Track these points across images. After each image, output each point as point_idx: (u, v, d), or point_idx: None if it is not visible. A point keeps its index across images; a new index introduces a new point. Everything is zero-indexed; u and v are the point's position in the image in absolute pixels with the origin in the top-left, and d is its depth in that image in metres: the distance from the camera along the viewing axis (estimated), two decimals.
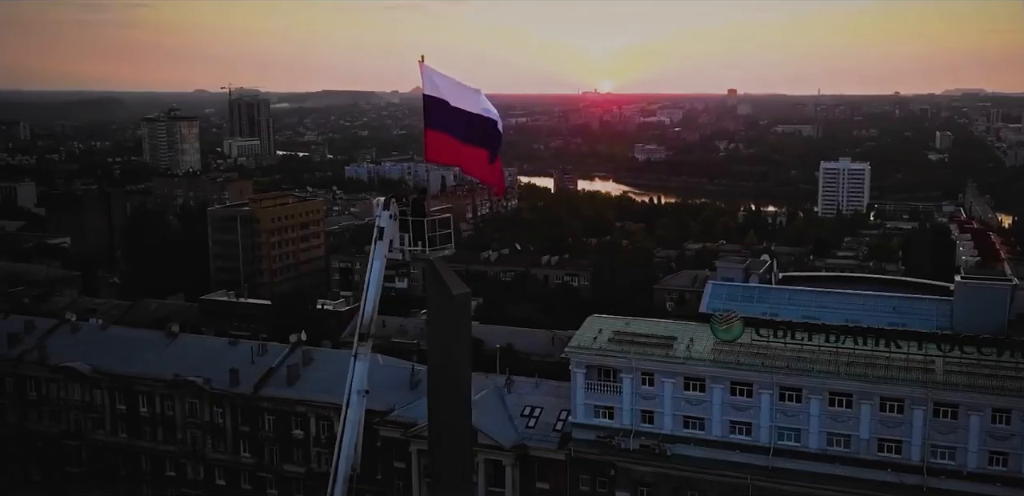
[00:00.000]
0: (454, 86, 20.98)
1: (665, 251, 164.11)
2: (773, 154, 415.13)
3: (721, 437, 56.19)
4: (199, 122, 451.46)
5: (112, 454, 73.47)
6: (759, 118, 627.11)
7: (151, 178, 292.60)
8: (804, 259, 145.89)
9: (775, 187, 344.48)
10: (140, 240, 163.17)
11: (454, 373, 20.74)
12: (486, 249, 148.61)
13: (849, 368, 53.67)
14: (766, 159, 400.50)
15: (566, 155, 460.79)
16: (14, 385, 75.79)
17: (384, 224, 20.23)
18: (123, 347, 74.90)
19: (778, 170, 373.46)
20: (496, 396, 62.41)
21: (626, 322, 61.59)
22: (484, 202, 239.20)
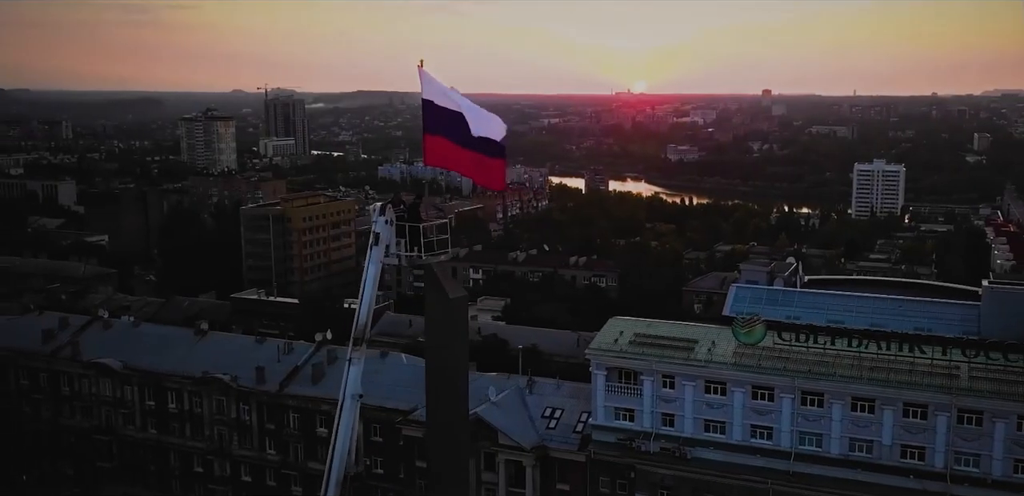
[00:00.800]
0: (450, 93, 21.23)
1: (695, 253, 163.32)
2: (807, 155, 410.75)
3: (742, 441, 55.96)
4: (235, 122, 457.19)
5: (142, 450, 74.80)
6: (793, 119, 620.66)
7: (188, 177, 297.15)
8: (836, 261, 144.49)
9: (809, 188, 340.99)
10: (175, 238, 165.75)
11: (452, 375, 21.06)
12: (515, 249, 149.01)
13: (872, 373, 53.20)
14: (800, 160, 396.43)
15: (598, 156, 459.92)
16: (48, 380, 77.39)
17: (380, 230, 20.51)
18: (153, 344, 76.23)
19: (812, 171, 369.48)
20: (518, 397, 62.67)
21: (648, 324, 61.54)
22: (514, 202, 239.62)
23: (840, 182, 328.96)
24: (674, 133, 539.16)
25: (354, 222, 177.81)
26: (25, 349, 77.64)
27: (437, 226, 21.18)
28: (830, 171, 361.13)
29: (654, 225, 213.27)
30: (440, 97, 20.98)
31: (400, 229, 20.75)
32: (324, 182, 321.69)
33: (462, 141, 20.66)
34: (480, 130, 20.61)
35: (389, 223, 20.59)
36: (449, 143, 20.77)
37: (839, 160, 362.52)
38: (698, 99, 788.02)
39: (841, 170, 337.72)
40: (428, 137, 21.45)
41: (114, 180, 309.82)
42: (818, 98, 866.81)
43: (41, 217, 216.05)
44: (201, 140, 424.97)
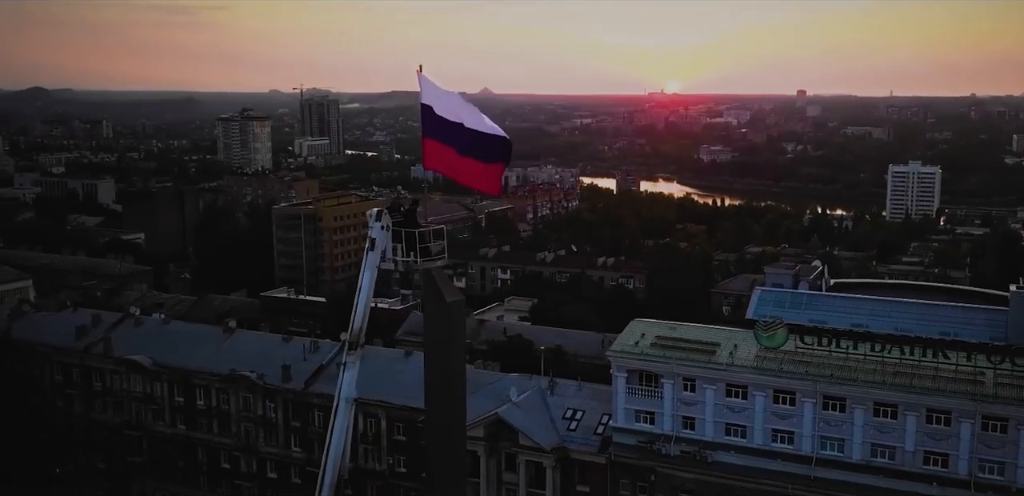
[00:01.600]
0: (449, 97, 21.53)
1: (725, 254, 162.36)
2: (842, 156, 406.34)
3: (763, 445, 55.77)
4: (271, 122, 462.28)
5: (170, 445, 76.05)
6: (828, 119, 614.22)
7: (223, 176, 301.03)
8: (868, 264, 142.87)
9: (843, 190, 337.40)
10: (210, 237, 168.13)
11: (450, 377, 21.39)
12: (543, 250, 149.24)
13: (895, 378, 52.75)
14: (834, 161, 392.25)
15: (630, 156, 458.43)
16: (80, 376, 78.95)
17: (376, 235, 20.80)
18: (183, 341, 77.53)
19: (847, 173, 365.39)
20: (539, 398, 62.92)
21: (670, 327, 61.43)
22: (545, 203, 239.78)
23: (875, 184, 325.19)
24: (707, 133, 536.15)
25: None
26: (59, 345, 79.28)
27: (433, 231, 21.46)
28: (865, 173, 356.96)
29: (685, 226, 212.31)
30: (438, 102, 21.26)
31: (397, 234, 21.03)
32: (357, 182, 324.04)
33: (459, 147, 20.90)
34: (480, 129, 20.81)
35: (385, 228, 20.87)
36: (447, 148, 21.01)
37: (874, 161, 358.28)
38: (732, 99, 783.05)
39: (876, 172, 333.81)
40: (427, 141, 21.70)
41: (152, 179, 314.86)
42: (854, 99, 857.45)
43: (81, 215, 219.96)
44: (237, 140, 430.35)
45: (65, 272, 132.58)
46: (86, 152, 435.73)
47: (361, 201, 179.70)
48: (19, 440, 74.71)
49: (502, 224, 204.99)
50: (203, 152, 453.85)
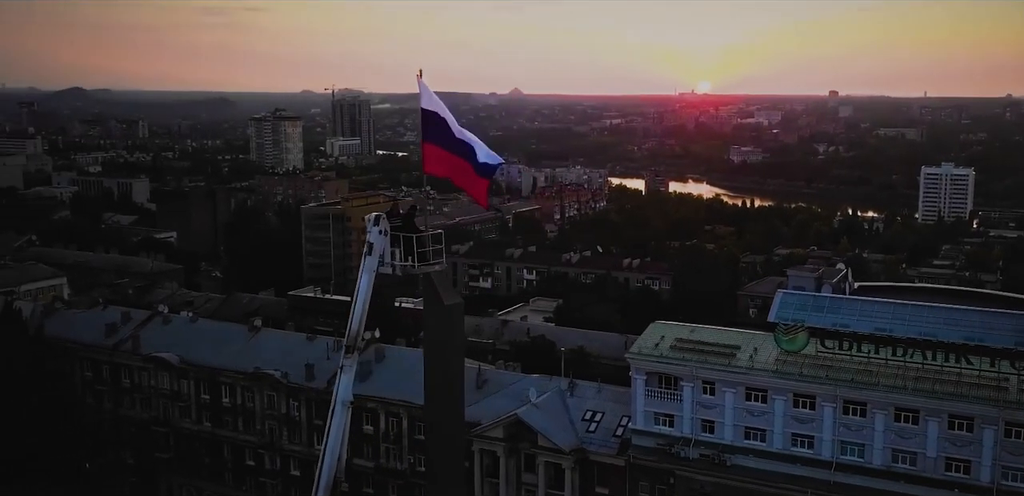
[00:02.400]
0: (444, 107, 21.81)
1: (753, 256, 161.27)
2: (874, 158, 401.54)
3: (782, 449, 55.52)
4: (303, 122, 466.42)
5: (197, 442, 77.19)
6: (861, 120, 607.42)
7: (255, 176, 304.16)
8: (897, 267, 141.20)
9: (875, 192, 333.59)
10: (241, 236, 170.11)
11: (448, 378, 21.69)
12: (569, 250, 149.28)
13: (917, 383, 52.30)
14: (866, 163, 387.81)
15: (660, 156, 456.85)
16: (110, 372, 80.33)
17: (374, 240, 21.07)
18: (209, 339, 78.62)
19: (879, 174, 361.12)
20: (559, 399, 63.05)
21: (690, 329, 61.30)
22: (572, 203, 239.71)
23: (907, 186, 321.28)
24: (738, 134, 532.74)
25: None
26: (89, 342, 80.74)
27: (432, 236, 21.73)
28: (897, 174, 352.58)
29: (713, 227, 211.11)
30: (437, 108, 21.51)
31: (395, 239, 21.32)
32: (387, 182, 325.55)
33: (458, 152, 21.14)
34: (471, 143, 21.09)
35: (383, 233, 21.16)
36: (446, 152, 21.24)
37: (907, 163, 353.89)
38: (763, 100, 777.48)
39: (908, 173, 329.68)
40: (426, 145, 21.94)
41: (185, 178, 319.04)
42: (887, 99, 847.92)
43: (115, 214, 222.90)
44: (270, 140, 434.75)
45: (98, 270, 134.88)
46: (122, 151, 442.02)
47: (389, 201, 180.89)
48: (50, 435, 76.19)
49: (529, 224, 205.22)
50: (236, 152, 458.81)
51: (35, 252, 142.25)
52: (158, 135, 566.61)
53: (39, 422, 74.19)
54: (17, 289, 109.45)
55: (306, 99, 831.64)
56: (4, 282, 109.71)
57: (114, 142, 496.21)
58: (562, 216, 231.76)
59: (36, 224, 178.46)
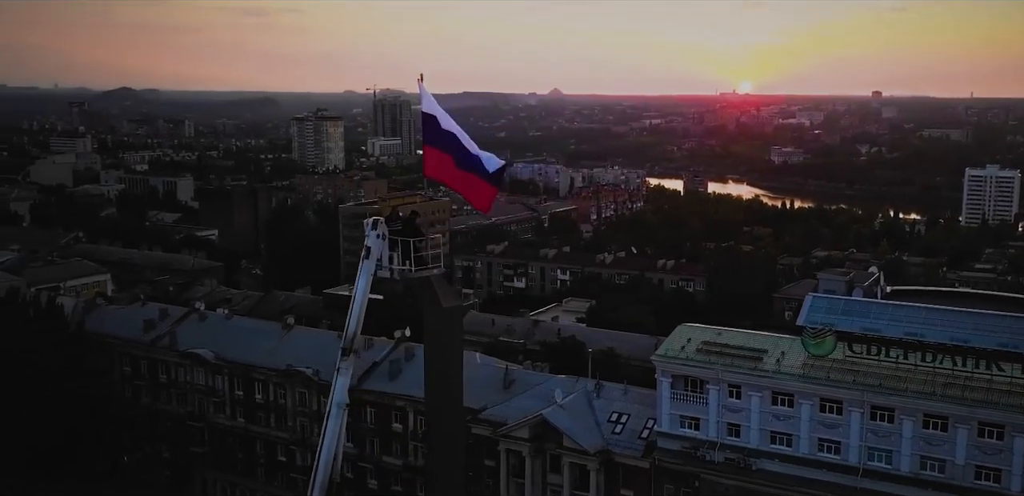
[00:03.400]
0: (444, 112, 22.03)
1: (790, 258, 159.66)
2: (918, 159, 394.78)
3: (808, 454, 55.11)
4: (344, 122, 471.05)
5: (230, 437, 78.58)
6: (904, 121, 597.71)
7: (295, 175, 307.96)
8: (937, 270, 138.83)
9: (918, 194, 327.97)
10: (280, 234, 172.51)
11: (447, 379, 22.06)
12: (604, 251, 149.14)
13: (946, 390, 51.59)
14: (910, 164, 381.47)
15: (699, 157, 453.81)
16: (148, 368, 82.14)
17: (372, 243, 21.42)
18: (244, 336, 80.00)
19: (922, 176, 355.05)
20: (584, 400, 63.18)
21: (717, 332, 61.04)
22: (609, 204, 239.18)
23: (951, 188, 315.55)
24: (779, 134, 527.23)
25: (448, 222, 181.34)
26: (128, 337, 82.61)
27: (430, 241, 22.08)
28: (941, 176, 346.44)
29: (751, 229, 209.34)
30: (438, 113, 21.78)
31: (393, 243, 21.68)
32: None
33: (457, 157, 21.40)
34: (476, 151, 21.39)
35: (381, 237, 21.51)
36: (446, 157, 21.51)
37: (951, 165, 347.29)
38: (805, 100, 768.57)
39: (953, 175, 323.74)
40: (427, 149, 22.20)
41: (228, 177, 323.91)
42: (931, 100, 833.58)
43: (160, 211, 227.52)
44: (311, 139, 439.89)
45: (141, 267, 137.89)
46: (168, 150, 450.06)
47: (426, 201, 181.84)
48: (89, 429, 78.18)
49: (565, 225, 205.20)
50: (279, 151, 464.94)
51: (81, 249, 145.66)
52: (203, 134, 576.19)
53: (79, 416, 76.13)
54: (62, 285, 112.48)
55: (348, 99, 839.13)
56: (50, 278, 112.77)
57: (161, 141, 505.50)
58: (599, 216, 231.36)
59: (83, 221, 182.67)
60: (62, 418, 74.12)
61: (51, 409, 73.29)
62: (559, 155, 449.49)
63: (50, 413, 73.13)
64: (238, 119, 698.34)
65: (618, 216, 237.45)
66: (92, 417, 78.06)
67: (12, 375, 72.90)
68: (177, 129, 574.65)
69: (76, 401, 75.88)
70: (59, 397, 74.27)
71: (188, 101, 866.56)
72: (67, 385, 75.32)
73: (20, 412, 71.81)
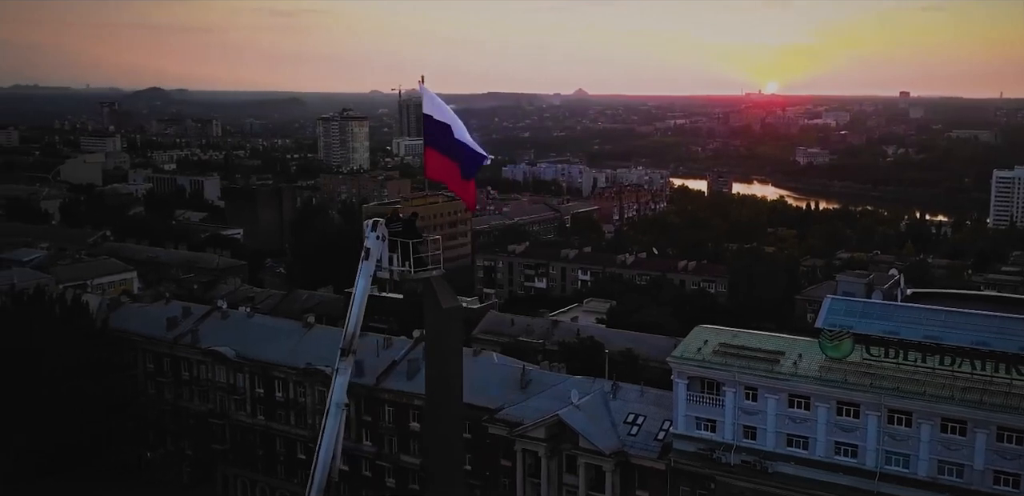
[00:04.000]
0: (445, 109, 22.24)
1: (814, 260, 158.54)
2: (945, 160, 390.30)
3: (825, 458, 54.80)
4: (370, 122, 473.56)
5: (251, 434, 79.44)
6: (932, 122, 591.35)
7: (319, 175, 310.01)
8: (963, 273, 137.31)
9: (945, 195, 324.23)
10: (305, 233, 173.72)
11: (446, 377, 22.33)
12: (625, 251, 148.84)
13: (965, 394, 51.10)
14: (937, 166, 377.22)
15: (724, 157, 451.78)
16: (170, 365, 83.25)
17: (371, 245, 21.66)
18: (264, 335, 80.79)
19: (949, 177, 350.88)
20: (601, 401, 63.23)
21: (734, 334, 60.86)
22: (631, 204, 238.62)
23: (979, 189, 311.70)
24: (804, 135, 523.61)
25: (470, 222, 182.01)
26: (151, 335, 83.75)
27: (430, 242, 22.32)
28: (969, 177, 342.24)
29: (775, 230, 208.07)
30: (439, 113, 22.00)
31: (393, 244, 21.91)
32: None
33: (455, 158, 21.64)
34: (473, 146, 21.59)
35: (380, 238, 21.75)
36: (445, 158, 21.73)
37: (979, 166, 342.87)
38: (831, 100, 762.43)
39: (981, 177, 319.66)
40: (428, 151, 22.42)
41: (253, 176, 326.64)
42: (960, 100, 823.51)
43: (187, 210, 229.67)
44: (337, 139, 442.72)
45: (167, 265, 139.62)
46: (196, 150, 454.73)
47: (448, 201, 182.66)
48: (113, 425, 79.35)
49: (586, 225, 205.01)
50: (305, 151, 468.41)
51: (108, 247, 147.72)
52: (231, 134, 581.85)
53: (103, 412, 77.28)
54: (90, 283, 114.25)
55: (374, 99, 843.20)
56: (77, 276, 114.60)
57: (189, 141, 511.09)
58: (621, 217, 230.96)
59: (111, 220, 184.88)
60: (87, 414, 75.23)
61: (76, 405, 74.38)
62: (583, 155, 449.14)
63: (75, 409, 74.21)
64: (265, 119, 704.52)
65: (641, 216, 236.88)
66: (116, 413, 79.22)
67: (38, 372, 74.09)
68: (205, 129, 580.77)
69: (101, 398, 76.98)
70: (84, 394, 75.37)
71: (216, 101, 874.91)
72: (92, 382, 76.44)
73: (45, 408, 72.98)
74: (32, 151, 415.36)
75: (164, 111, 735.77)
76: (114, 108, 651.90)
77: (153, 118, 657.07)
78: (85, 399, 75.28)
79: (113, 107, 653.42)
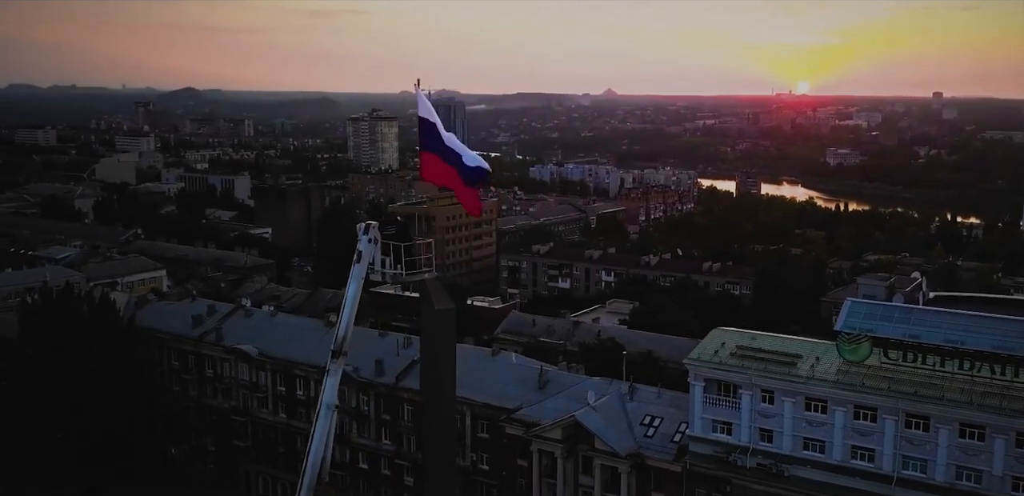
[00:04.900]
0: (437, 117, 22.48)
1: (841, 262, 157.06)
2: (979, 162, 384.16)
3: (841, 462, 54.48)
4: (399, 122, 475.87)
5: (273, 432, 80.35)
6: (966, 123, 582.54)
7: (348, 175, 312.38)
8: (992, 276, 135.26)
9: (978, 197, 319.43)
10: (332, 232, 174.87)
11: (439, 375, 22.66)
12: (650, 252, 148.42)
13: (984, 399, 50.57)
14: (970, 167, 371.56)
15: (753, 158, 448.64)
16: (195, 362, 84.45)
17: (363, 248, 21.96)
18: (287, 333, 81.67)
19: (982, 179, 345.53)
20: (618, 402, 63.30)
21: (752, 336, 60.65)
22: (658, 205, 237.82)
23: (1013, 191, 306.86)
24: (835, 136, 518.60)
25: (495, 222, 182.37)
26: (177, 333, 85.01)
27: (423, 245, 22.61)
28: (1003, 179, 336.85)
29: (803, 231, 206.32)
30: (433, 117, 22.26)
31: (386, 247, 22.21)
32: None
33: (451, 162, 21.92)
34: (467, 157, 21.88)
35: (372, 241, 22.05)
36: (441, 162, 22.02)
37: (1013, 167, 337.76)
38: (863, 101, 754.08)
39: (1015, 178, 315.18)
40: (424, 154, 22.71)
41: (283, 176, 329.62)
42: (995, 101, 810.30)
43: (217, 209, 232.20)
44: (367, 139, 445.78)
45: (196, 263, 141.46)
46: (228, 149, 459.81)
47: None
48: (139, 421, 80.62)
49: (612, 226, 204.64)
50: (335, 151, 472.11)
51: (139, 245, 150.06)
52: (262, 134, 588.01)
53: (129, 408, 78.56)
54: (120, 280, 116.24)
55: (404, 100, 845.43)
56: (108, 274, 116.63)
57: (221, 140, 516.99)
58: (647, 218, 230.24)
59: (143, 218, 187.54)
60: (114, 410, 76.46)
61: (103, 402, 75.63)
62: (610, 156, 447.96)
63: (102, 406, 75.44)
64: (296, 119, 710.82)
65: (667, 217, 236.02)
66: (142, 410, 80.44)
67: (66, 368, 75.50)
68: (237, 128, 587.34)
69: (127, 394, 78.22)
70: (111, 390, 76.65)
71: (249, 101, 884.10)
72: (118, 378, 77.71)
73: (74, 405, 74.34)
74: (68, 150, 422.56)
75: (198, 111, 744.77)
76: (149, 108, 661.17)
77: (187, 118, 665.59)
78: (112, 395, 76.46)
79: (148, 107, 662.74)
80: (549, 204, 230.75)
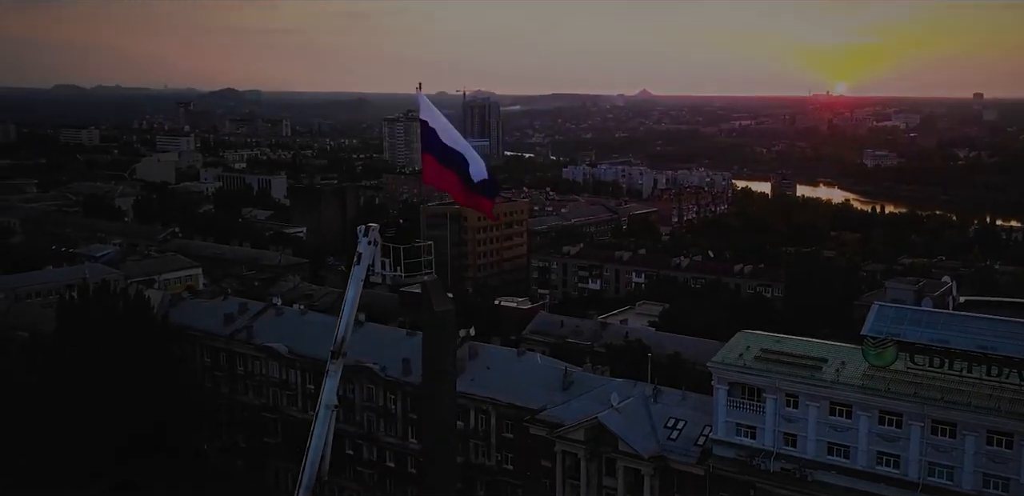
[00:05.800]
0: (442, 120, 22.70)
1: (876, 265, 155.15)
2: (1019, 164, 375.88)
3: (866, 467, 54.08)
4: None
5: (302, 429, 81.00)
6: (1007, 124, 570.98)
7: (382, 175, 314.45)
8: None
9: (1018, 200, 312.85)
10: None
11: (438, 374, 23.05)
12: (680, 254, 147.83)
13: (1012, 406, 49.93)
14: (1011, 169, 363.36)
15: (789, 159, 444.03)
16: (226, 360, 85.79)
17: (363, 250, 22.25)
18: (316, 331, 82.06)
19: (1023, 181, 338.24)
20: (642, 405, 63.31)
21: (777, 340, 60.42)
22: (691, 206, 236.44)
23: None
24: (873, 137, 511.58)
25: (527, 222, 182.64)
26: (209, 330, 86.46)
27: (423, 247, 22.90)
28: None
29: (839, 233, 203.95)
30: (435, 121, 22.50)
31: (385, 249, 22.50)
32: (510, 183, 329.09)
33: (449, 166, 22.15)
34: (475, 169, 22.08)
35: (372, 244, 22.36)
36: (440, 166, 22.25)
37: None
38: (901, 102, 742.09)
39: None
40: (426, 157, 22.92)
41: (319, 176, 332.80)
42: None
43: (254, 209, 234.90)
44: (402, 140, 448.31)
45: (231, 262, 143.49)
46: (266, 149, 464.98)
47: (505, 202, 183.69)
48: (172, 417, 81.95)
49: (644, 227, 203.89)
50: (371, 151, 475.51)
51: (176, 244, 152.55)
52: (300, 134, 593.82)
53: (163, 404, 79.91)
54: (157, 278, 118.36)
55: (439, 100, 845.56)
56: (146, 272, 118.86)
57: (259, 140, 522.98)
58: (680, 219, 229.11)
59: (181, 217, 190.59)
60: (147, 406, 77.80)
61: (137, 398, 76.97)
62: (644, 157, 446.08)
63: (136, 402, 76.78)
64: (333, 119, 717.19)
65: (700, 219, 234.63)
66: (175, 406, 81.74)
67: (101, 365, 77.00)
68: (275, 129, 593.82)
69: (160, 390, 79.56)
70: (145, 386, 78.02)
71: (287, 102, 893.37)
72: (151, 375, 79.11)
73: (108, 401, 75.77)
74: (111, 150, 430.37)
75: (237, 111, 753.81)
76: (189, 108, 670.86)
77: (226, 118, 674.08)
78: (146, 391, 77.80)
79: (189, 107, 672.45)
80: (581, 205, 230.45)
